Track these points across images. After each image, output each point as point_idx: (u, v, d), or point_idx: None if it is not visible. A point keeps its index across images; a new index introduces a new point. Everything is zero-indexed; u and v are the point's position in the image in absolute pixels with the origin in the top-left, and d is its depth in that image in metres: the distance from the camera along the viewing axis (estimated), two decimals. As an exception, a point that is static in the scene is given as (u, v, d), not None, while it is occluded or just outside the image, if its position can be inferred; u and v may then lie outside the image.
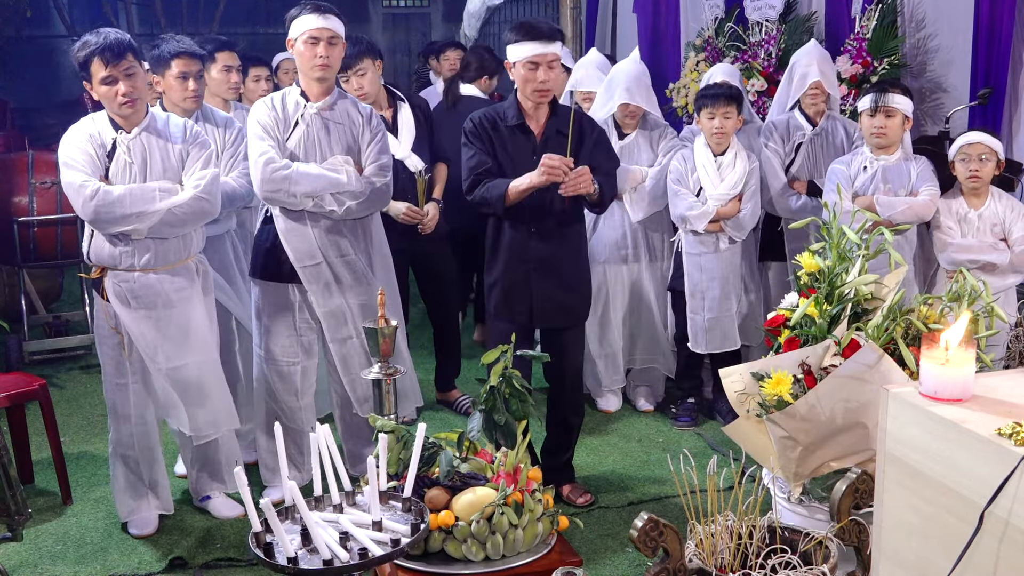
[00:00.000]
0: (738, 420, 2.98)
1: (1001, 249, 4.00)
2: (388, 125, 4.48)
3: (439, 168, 4.72)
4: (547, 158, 3.42)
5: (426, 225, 4.56)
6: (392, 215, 4.44)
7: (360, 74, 4.38)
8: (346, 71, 4.31)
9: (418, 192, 4.55)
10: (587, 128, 3.68)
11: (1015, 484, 1.68)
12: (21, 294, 5.72)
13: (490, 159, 3.58)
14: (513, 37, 3.51)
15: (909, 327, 2.93)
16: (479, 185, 3.56)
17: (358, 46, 4.36)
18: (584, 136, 3.64)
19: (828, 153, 4.54)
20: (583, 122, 3.68)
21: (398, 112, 4.58)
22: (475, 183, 3.57)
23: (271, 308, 3.79)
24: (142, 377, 3.58)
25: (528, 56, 3.47)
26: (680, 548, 2.36)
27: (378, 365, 2.79)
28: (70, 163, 3.34)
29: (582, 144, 3.61)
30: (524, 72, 3.49)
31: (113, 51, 3.27)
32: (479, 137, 3.61)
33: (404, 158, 4.51)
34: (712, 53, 6.12)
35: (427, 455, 2.57)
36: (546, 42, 3.47)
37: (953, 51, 5.21)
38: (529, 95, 3.54)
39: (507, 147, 3.60)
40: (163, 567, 3.49)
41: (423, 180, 4.56)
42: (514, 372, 2.58)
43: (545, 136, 3.60)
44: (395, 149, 4.44)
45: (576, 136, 3.56)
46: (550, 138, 3.59)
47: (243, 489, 2.01)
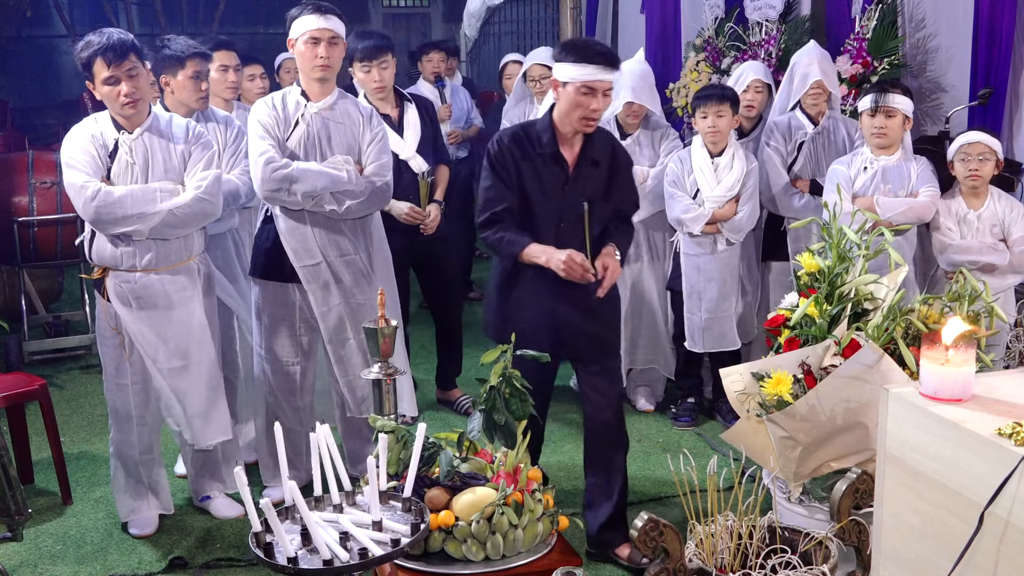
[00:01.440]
0: (737, 425, 2.99)
1: (1000, 250, 4.00)
2: (394, 125, 4.49)
3: (441, 169, 4.73)
4: (570, 259, 3.08)
5: (428, 226, 4.57)
6: (394, 215, 4.45)
7: (383, 67, 4.40)
8: (370, 61, 4.34)
9: (420, 193, 4.56)
10: (620, 157, 3.37)
11: (1015, 484, 1.68)
12: (21, 294, 5.72)
13: (511, 193, 3.22)
14: (569, 56, 3.14)
15: (909, 327, 2.93)
16: (493, 225, 3.23)
17: (384, 40, 4.41)
18: (616, 166, 3.33)
19: (830, 152, 4.54)
20: (615, 149, 3.36)
21: (404, 112, 4.57)
22: (491, 221, 3.24)
23: (271, 308, 3.79)
24: (142, 377, 3.58)
25: (585, 80, 3.10)
26: (680, 548, 2.36)
27: (378, 365, 2.79)
28: (72, 163, 3.34)
29: (616, 178, 3.32)
30: (576, 97, 3.12)
31: (116, 51, 3.27)
32: (504, 166, 3.23)
33: (409, 158, 4.50)
34: (712, 53, 6.12)
35: (427, 455, 2.57)
36: (608, 69, 3.12)
37: (953, 51, 5.21)
38: (575, 122, 3.17)
39: (537, 176, 3.24)
40: (163, 567, 3.49)
41: (426, 182, 4.57)
42: (514, 372, 2.58)
43: (578, 167, 3.25)
44: (400, 149, 4.45)
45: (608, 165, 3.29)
46: (583, 169, 3.26)
47: (243, 489, 2.01)
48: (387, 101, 4.51)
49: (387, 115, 4.48)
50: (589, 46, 3.17)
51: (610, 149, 3.32)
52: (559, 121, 3.22)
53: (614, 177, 3.32)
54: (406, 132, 4.54)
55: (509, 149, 3.23)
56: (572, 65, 3.12)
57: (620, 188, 3.34)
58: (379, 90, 4.42)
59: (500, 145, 3.26)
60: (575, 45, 3.18)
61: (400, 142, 4.47)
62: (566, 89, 3.15)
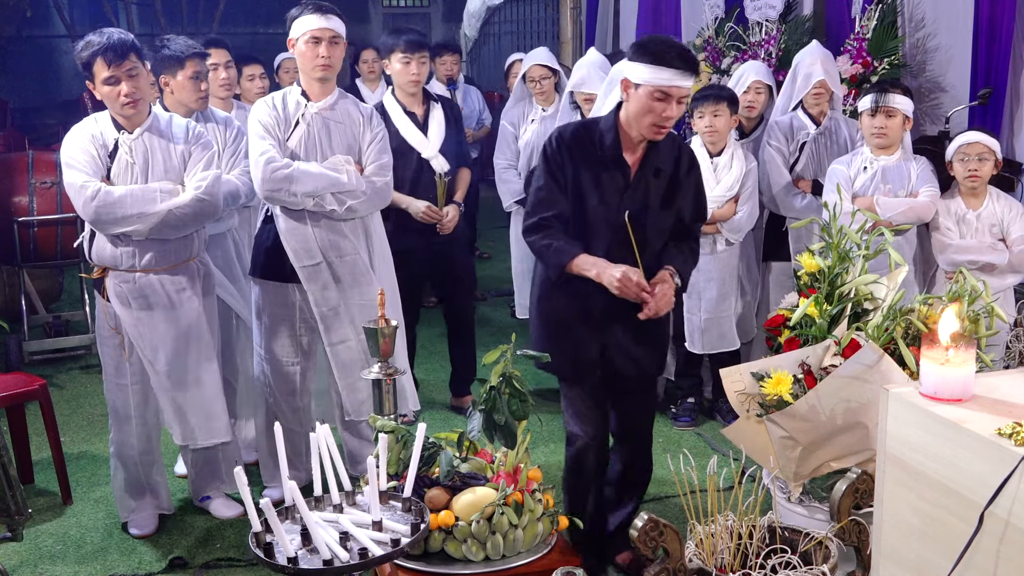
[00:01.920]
0: (737, 423, 2.98)
1: (1000, 249, 4.00)
2: (419, 123, 4.54)
3: (462, 172, 4.74)
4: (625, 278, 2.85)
5: (445, 226, 4.58)
6: (411, 213, 4.48)
7: (422, 62, 4.45)
8: (411, 54, 4.39)
9: (437, 193, 4.56)
10: (685, 166, 3.09)
11: (1015, 484, 1.68)
12: (21, 294, 5.73)
13: (564, 198, 2.99)
14: (644, 57, 2.88)
15: (909, 327, 2.93)
16: (541, 231, 2.99)
17: (424, 37, 4.49)
18: (681, 175, 3.08)
19: (832, 152, 4.54)
20: (681, 157, 3.09)
21: (430, 111, 4.60)
22: (538, 226, 3.00)
23: (272, 308, 3.79)
24: (142, 377, 3.58)
25: (660, 85, 2.85)
26: (680, 548, 2.36)
27: (378, 365, 2.79)
28: (72, 163, 3.34)
29: (679, 188, 3.08)
30: (648, 101, 2.87)
31: (116, 51, 3.27)
32: (560, 167, 2.98)
33: (431, 158, 4.53)
34: (712, 53, 6.12)
35: (427, 455, 2.57)
36: (688, 74, 2.86)
37: (953, 51, 5.21)
38: (645, 128, 2.92)
39: (595, 181, 2.99)
40: (163, 567, 3.49)
41: (443, 182, 4.57)
42: (514, 372, 2.58)
43: (640, 174, 3.01)
44: (423, 148, 4.50)
45: (671, 173, 3.06)
46: (645, 176, 3.01)
47: (243, 489, 2.01)
48: (416, 98, 4.55)
49: (413, 113, 4.54)
50: (667, 48, 2.89)
51: (675, 157, 3.06)
52: (626, 124, 2.97)
53: (677, 187, 3.06)
54: (430, 131, 4.56)
55: (568, 149, 2.99)
56: (647, 67, 2.86)
57: (683, 199, 3.08)
58: (415, 83, 4.46)
59: (559, 143, 3.00)
60: (652, 46, 2.90)
61: (424, 141, 4.52)
62: (638, 92, 2.89)
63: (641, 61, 2.88)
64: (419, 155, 4.53)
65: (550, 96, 5.34)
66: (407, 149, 4.50)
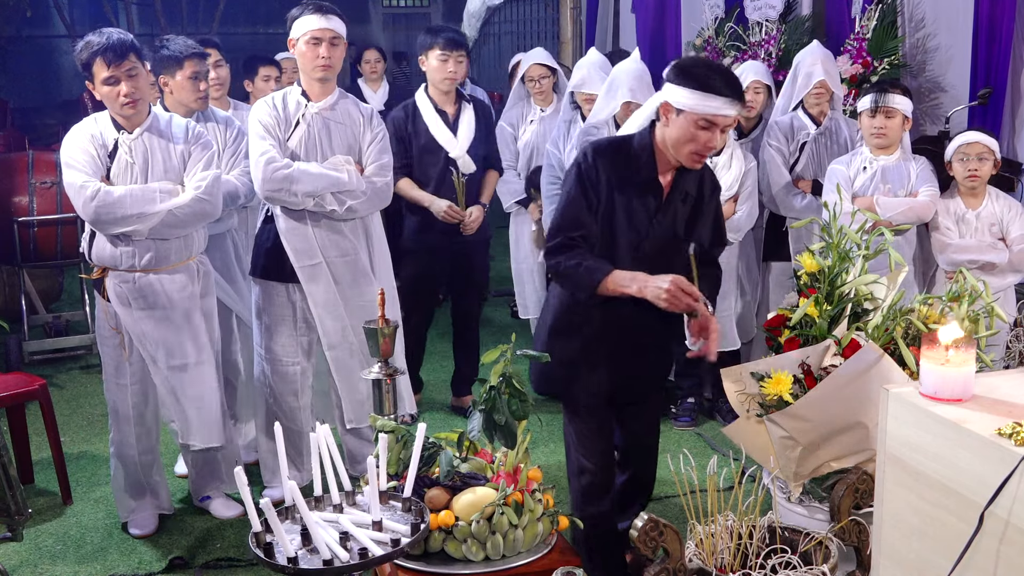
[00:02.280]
0: (738, 421, 2.98)
1: (1000, 249, 4.00)
2: (450, 122, 4.55)
3: (490, 174, 4.75)
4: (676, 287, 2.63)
5: (468, 226, 4.58)
6: (433, 212, 4.50)
7: (459, 60, 4.47)
8: (450, 52, 4.42)
9: (457, 193, 4.56)
10: (707, 189, 2.95)
11: (1015, 484, 1.68)
12: (21, 294, 5.73)
13: (593, 218, 2.79)
14: (689, 81, 2.69)
15: (909, 327, 2.93)
16: (567, 251, 2.76)
17: (463, 36, 4.51)
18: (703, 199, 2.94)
19: (832, 152, 4.54)
20: (704, 180, 2.95)
21: (462, 111, 4.61)
22: (564, 247, 2.76)
23: (272, 308, 3.79)
24: (142, 377, 3.58)
25: (707, 114, 2.68)
26: (680, 548, 2.36)
27: (378, 365, 2.79)
28: (71, 163, 3.34)
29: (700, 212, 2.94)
30: (692, 129, 2.70)
31: (116, 51, 3.27)
32: (595, 184, 2.78)
33: (458, 158, 4.54)
34: (712, 53, 6.12)
35: (427, 455, 2.57)
36: (736, 102, 2.71)
37: (953, 51, 5.21)
38: (684, 155, 2.76)
39: (627, 202, 2.81)
40: (163, 567, 3.49)
41: (461, 181, 4.56)
42: (514, 372, 2.58)
43: (671, 197, 2.87)
44: (451, 147, 4.52)
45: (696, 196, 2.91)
46: (674, 201, 2.87)
47: (243, 489, 2.01)
48: (449, 97, 4.57)
49: (444, 111, 4.56)
50: (715, 73, 2.71)
51: (700, 179, 2.91)
52: (662, 146, 2.80)
53: (699, 212, 2.92)
54: (460, 131, 4.57)
55: (605, 166, 2.79)
56: (692, 93, 2.67)
57: (704, 224, 2.95)
58: (451, 81, 4.49)
59: (595, 159, 2.79)
60: (697, 70, 2.72)
61: (452, 140, 4.53)
62: (680, 118, 2.71)
63: (685, 86, 2.69)
64: (446, 154, 4.54)
65: (548, 96, 5.34)
66: (435, 147, 4.53)
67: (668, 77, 2.77)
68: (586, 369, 2.91)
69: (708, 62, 2.86)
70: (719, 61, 6.04)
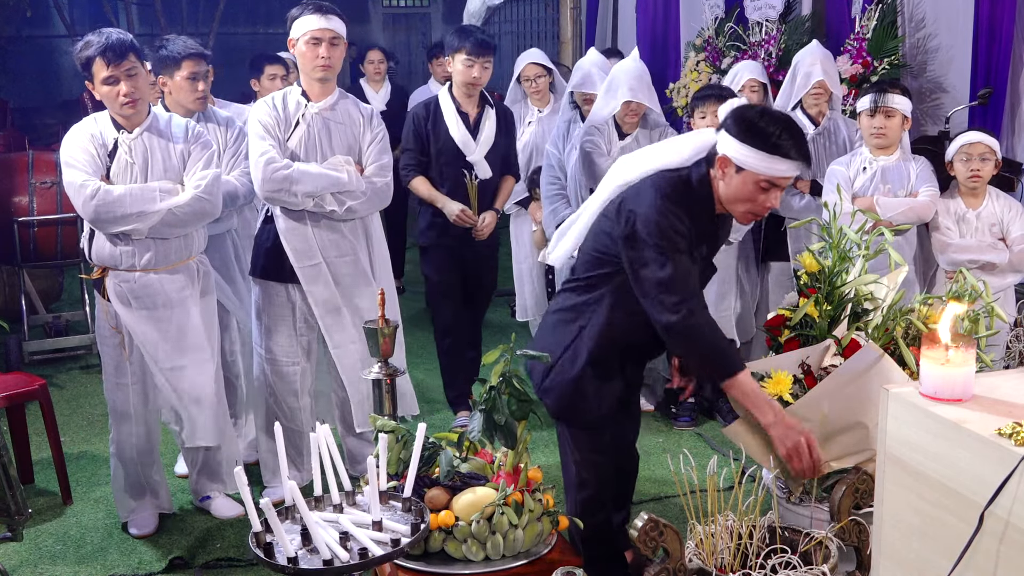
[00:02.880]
0: (738, 421, 2.98)
1: (1000, 249, 4.00)
2: (470, 126, 4.47)
3: (507, 179, 4.65)
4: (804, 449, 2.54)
5: (480, 231, 4.49)
6: (446, 214, 4.44)
7: (485, 66, 4.39)
8: (477, 57, 4.34)
9: (470, 197, 4.49)
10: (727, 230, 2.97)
11: (1015, 484, 1.68)
12: (21, 294, 5.73)
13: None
14: (755, 140, 2.53)
15: (909, 327, 2.93)
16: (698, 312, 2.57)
17: (492, 40, 4.43)
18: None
19: (831, 153, 4.54)
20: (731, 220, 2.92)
21: (484, 115, 4.52)
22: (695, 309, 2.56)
23: (271, 308, 3.79)
24: (142, 377, 3.59)
25: (771, 176, 2.55)
26: (680, 548, 2.36)
27: (378, 365, 2.79)
28: (71, 163, 3.34)
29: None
30: (751, 188, 2.58)
31: (115, 51, 3.27)
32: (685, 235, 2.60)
33: (475, 162, 4.47)
34: (712, 53, 6.13)
35: (427, 455, 2.57)
36: (804, 166, 2.60)
37: (953, 51, 5.22)
38: (739, 213, 2.67)
39: (691, 246, 2.65)
40: (163, 567, 3.49)
41: (473, 185, 4.48)
42: (514, 372, 2.58)
43: (720, 240, 2.87)
44: (469, 151, 4.44)
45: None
46: (721, 242, 2.89)
47: (243, 489, 2.01)
48: (472, 100, 4.49)
49: (466, 114, 4.48)
50: (785, 133, 2.53)
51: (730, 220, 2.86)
52: (719, 196, 2.66)
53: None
54: (480, 135, 4.48)
55: (683, 215, 2.60)
56: (758, 154, 2.52)
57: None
58: (475, 86, 4.43)
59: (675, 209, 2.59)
60: (765, 127, 2.53)
61: (471, 143, 4.45)
62: (740, 176, 2.57)
63: (751, 144, 2.53)
64: (464, 157, 4.47)
65: (545, 96, 5.34)
66: (453, 149, 4.46)
67: (729, 129, 2.59)
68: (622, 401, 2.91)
69: (775, 116, 2.61)
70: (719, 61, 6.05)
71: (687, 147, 2.74)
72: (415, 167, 4.47)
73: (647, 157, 2.79)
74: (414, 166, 4.48)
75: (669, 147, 2.79)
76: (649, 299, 2.58)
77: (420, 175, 4.48)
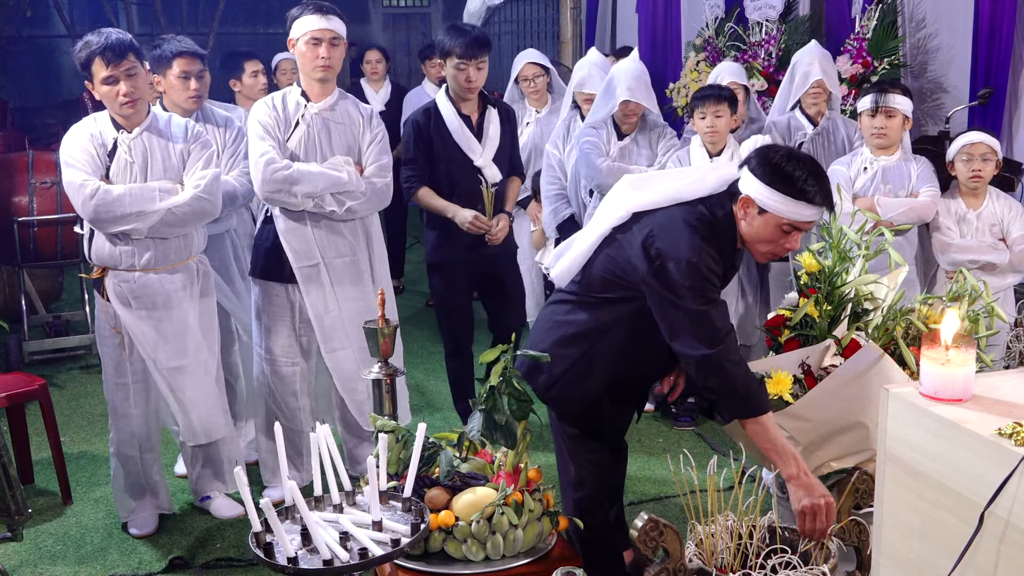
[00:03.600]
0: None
1: (1001, 249, 4.00)
2: (473, 128, 4.22)
3: (513, 181, 4.36)
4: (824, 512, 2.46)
5: (495, 236, 4.19)
6: (458, 222, 4.14)
7: (479, 67, 4.10)
8: (468, 60, 4.05)
9: (485, 203, 4.22)
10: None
11: (1015, 484, 1.68)
12: (21, 294, 5.73)
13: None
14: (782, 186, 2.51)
15: (909, 327, 2.93)
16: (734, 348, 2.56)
17: (485, 39, 4.14)
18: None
19: (829, 153, 4.54)
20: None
21: (486, 116, 4.25)
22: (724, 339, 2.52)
23: (271, 308, 3.79)
24: (142, 377, 3.59)
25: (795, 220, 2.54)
26: (680, 548, 2.36)
27: (378, 365, 2.79)
28: (71, 162, 3.34)
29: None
30: (774, 231, 2.57)
31: (114, 51, 3.27)
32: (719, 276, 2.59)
33: (484, 167, 4.20)
34: (712, 53, 6.13)
35: (427, 455, 2.57)
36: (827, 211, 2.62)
37: (953, 51, 5.22)
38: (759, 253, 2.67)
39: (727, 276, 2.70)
40: (163, 567, 3.49)
41: (490, 191, 4.21)
42: (514, 372, 2.57)
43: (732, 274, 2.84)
44: (475, 155, 4.19)
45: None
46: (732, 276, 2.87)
47: (243, 489, 2.01)
48: (472, 102, 4.21)
49: (468, 116, 4.22)
50: (811, 178, 2.50)
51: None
52: (741, 234, 2.64)
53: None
54: (484, 138, 4.22)
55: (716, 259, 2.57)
56: (783, 198, 2.50)
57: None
58: (470, 91, 4.14)
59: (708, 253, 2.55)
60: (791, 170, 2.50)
61: (477, 148, 4.19)
62: (763, 217, 2.55)
63: (775, 188, 2.50)
64: (471, 162, 4.18)
65: (543, 96, 5.33)
66: (459, 155, 4.18)
67: (755, 171, 2.56)
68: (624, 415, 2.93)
69: (801, 159, 2.57)
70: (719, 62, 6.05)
71: (709, 180, 2.68)
72: (418, 178, 4.19)
73: (664, 183, 2.73)
74: (417, 177, 4.19)
75: (689, 176, 2.73)
76: (681, 334, 2.54)
77: (424, 186, 4.19)
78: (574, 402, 2.82)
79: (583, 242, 2.83)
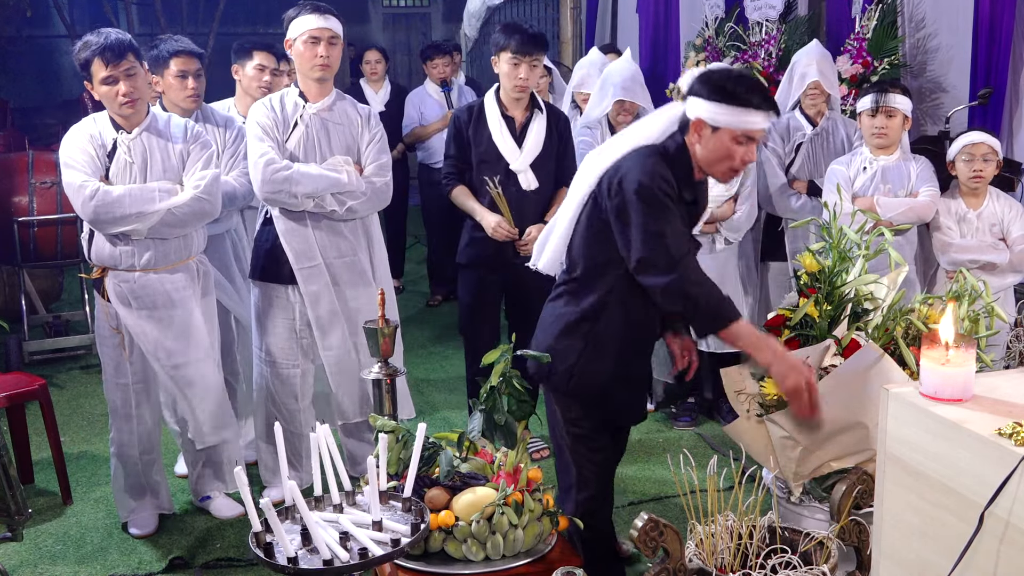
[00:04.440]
0: (738, 420, 2.98)
1: (1001, 249, 4.00)
2: (514, 132, 4.07)
3: (561, 192, 4.02)
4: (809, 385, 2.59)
5: (523, 246, 3.99)
6: (484, 227, 4.03)
7: (533, 65, 3.99)
8: (522, 56, 3.94)
9: (501, 208, 4.04)
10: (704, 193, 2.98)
11: (1015, 484, 1.68)
12: (21, 294, 5.73)
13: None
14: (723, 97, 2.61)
15: (909, 327, 2.93)
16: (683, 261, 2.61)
17: (542, 38, 4.03)
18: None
19: (828, 153, 4.54)
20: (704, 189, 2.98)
21: (532, 120, 4.09)
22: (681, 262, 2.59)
23: (271, 310, 3.79)
24: (143, 377, 3.59)
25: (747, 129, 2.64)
26: (680, 548, 2.35)
27: (378, 365, 2.79)
28: (70, 163, 3.34)
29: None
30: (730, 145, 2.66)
31: (114, 51, 3.27)
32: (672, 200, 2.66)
33: (519, 171, 4.04)
34: (712, 53, 6.12)
35: (427, 455, 2.57)
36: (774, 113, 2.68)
37: (953, 51, 5.21)
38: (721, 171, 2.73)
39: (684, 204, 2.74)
40: (163, 567, 3.49)
41: (499, 194, 4.03)
42: (514, 372, 2.58)
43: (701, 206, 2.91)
44: (512, 158, 4.03)
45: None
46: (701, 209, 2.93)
47: (243, 489, 2.01)
48: (521, 103, 4.08)
49: (512, 118, 4.07)
50: (749, 87, 2.62)
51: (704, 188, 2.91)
52: (698, 160, 2.71)
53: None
54: (526, 142, 4.06)
55: (670, 178, 2.66)
56: (729, 109, 2.59)
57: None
58: (522, 89, 4.00)
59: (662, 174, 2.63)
60: (731, 85, 2.61)
61: (515, 150, 4.04)
62: (717, 134, 2.63)
63: (720, 101, 2.60)
64: (506, 165, 4.04)
65: (545, 96, 5.33)
66: (495, 156, 4.04)
67: (697, 92, 2.65)
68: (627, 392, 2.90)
69: (739, 75, 2.70)
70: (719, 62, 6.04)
71: (657, 124, 2.79)
72: (456, 176, 4.10)
73: (618, 143, 2.81)
74: (455, 175, 4.11)
75: (638, 129, 2.82)
76: (642, 266, 2.62)
77: (461, 184, 4.10)
78: (594, 387, 2.82)
79: (560, 225, 2.89)
